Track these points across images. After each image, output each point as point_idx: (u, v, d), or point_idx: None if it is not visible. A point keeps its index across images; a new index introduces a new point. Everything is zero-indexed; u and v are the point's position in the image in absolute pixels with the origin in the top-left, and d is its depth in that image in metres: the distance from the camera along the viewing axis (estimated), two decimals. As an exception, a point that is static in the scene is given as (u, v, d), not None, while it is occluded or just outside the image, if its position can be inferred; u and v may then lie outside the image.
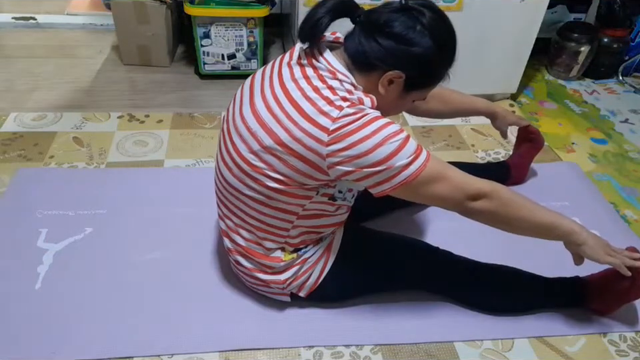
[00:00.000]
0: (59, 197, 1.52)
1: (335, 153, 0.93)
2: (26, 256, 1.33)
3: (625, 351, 1.22)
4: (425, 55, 0.95)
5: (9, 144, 1.75)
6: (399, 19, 0.93)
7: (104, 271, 1.31)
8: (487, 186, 1.01)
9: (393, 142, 0.92)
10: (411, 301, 1.28)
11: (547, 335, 1.24)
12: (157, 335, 1.17)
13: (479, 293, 1.28)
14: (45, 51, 2.37)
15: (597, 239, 1.10)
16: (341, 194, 1.09)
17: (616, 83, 2.46)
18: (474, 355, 1.19)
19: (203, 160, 1.75)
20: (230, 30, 2.09)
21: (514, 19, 1.92)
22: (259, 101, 1.00)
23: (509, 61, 2.06)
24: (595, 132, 2.08)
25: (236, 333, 1.19)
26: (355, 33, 0.98)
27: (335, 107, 0.92)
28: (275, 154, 0.97)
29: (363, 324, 1.23)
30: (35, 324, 1.17)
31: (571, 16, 2.51)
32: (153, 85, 2.17)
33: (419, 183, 0.96)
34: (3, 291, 1.24)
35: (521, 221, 1.05)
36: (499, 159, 1.85)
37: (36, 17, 2.59)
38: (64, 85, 2.11)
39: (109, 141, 1.80)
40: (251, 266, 1.16)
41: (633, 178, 1.83)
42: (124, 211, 1.50)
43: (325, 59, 0.97)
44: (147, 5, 2.12)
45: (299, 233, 1.12)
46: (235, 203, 1.10)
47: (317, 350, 1.18)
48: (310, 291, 1.20)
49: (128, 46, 2.25)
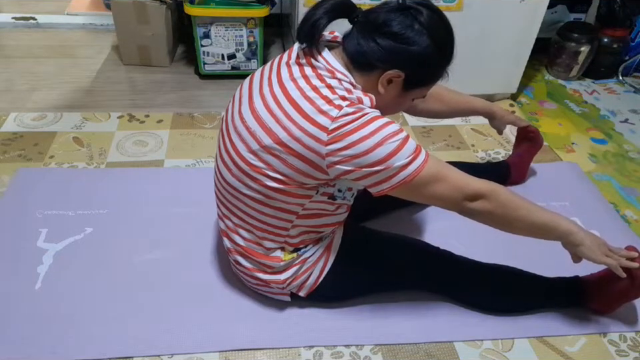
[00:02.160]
0: (59, 196, 1.52)
1: (334, 152, 0.93)
2: (26, 256, 1.33)
3: (624, 351, 1.22)
4: (424, 54, 0.95)
5: (9, 144, 1.75)
6: (397, 19, 0.94)
7: (104, 271, 1.31)
8: (485, 186, 1.01)
9: (392, 142, 0.92)
10: (411, 301, 1.28)
11: (546, 335, 1.24)
12: (157, 335, 1.17)
13: (478, 293, 1.28)
14: (45, 51, 2.38)
15: (594, 240, 1.10)
16: (341, 193, 1.09)
17: (616, 82, 2.46)
18: (474, 355, 1.19)
19: (203, 160, 1.75)
20: (230, 30, 2.09)
21: (514, 19, 1.92)
22: (257, 100, 1.00)
23: (509, 61, 2.06)
24: (594, 132, 2.08)
25: (236, 333, 1.19)
26: (353, 33, 0.98)
27: (334, 106, 0.92)
28: (274, 153, 0.97)
29: (363, 324, 1.23)
30: (35, 324, 1.17)
31: (571, 16, 2.51)
32: (153, 85, 2.18)
33: (417, 182, 0.96)
34: (3, 291, 1.24)
35: (519, 222, 1.05)
36: (498, 158, 1.85)
37: (36, 17, 2.59)
38: (64, 85, 2.12)
39: (109, 141, 1.80)
40: (251, 266, 1.17)
41: (633, 178, 1.83)
42: (124, 210, 1.50)
43: (323, 58, 0.97)
44: (147, 4, 2.13)
45: (299, 232, 1.12)
46: (235, 203, 1.10)
47: (316, 350, 1.18)
48: (310, 291, 1.20)
49: (128, 46, 2.25)
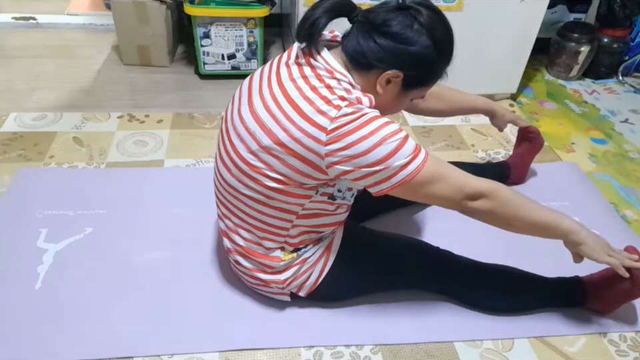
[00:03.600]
0: (59, 196, 1.52)
1: (333, 152, 0.93)
2: (26, 256, 1.33)
3: (624, 351, 1.22)
4: (423, 54, 0.95)
5: (8, 144, 1.75)
6: (397, 18, 0.94)
7: (104, 271, 1.31)
8: (486, 185, 1.01)
9: (391, 142, 0.92)
10: (411, 301, 1.28)
11: (547, 335, 1.24)
12: (157, 335, 1.17)
13: (479, 293, 1.28)
14: (45, 51, 2.38)
15: (596, 238, 1.10)
16: (340, 193, 1.09)
17: (616, 82, 2.46)
18: (474, 355, 1.19)
19: (203, 160, 1.75)
20: (230, 30, 2.09)
21: (514, 19, 1.92)
22: (257, 100, 1.00)
23: (509, 61, 2.06)
24: (595, 132, 2.08)
25: (236, 333, 1.19)
26: (353, 33, 0.98)
27: (333, 106, 0.92)
28: (274, 154, 0.97)
29: (363, 324, 1.23)
30: (35, 324, 1.17)
31: (571, 16, 2.51)
32: (152, 85, 2.17)
33: (417, 182, 0.96)
34: (3, 291, 1.24)
35: (521, 220, 1.05)
36: (499, 158, 1.85)
37: (36, 17, 2.59)
38: (64, 85, 2.12)
39: (109, 140, 1.80)
40: (251, 266, 1.17)
41: (633, 178, 1.83)
42: (124, 210, 1.50)
43: (322, 58, 0.97)
44: (147, 4, 2.13)
45: (299, 232, 1.12)
46: (234, 203, 1.10)
47: (316, 350, 1.18)
48: (310, 291, 1.20)
49: (128, 46, 2.25)
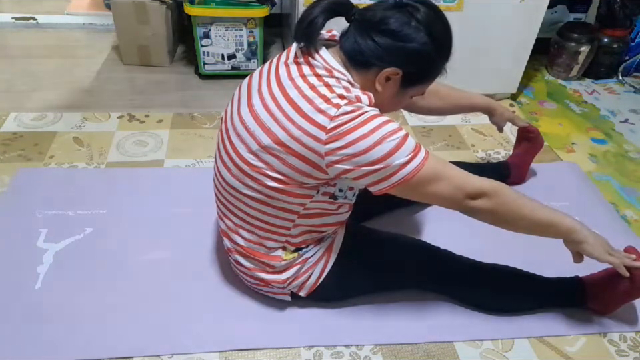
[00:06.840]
0: (58, 196, 1.52)
1: (333, 151, 0.93)
2: (26, 256, 1.33)
3: (624, 351, 1.22)
4: (421, 51, 0.95)
5: (8, 144, 1.75)
6: (394, 16, 0.94)
7: (104, 271, 1.31)
8: (486, 184, 1.01)
9: (391, 140, 0.92)
10: (411, 301, 1.28)
11: (547, 335, 1.24)
12: (157, 335, 1.17)
13: (479, 293, 1.28)
14: (45, 51, 2.37)
15: (597, 238, 1.10)
16: (342, 192, 1.09)
17: (616, 82, 2.45)
18: (474, 355, 1.19)
19: (203, 160, 1.74)
20: (230, 30, 2.09)
21: (514, 19, 1.92)
22: (256, 100, 1.00)
23: (509, 61, 2.06)
24: (595, 132, 2.08)
25: (236, 333, 1.19)
26: (351, 32, 0.98)
27: (332, 105, 0.92)
28: (274, 153, 0.97)
29: (363, 324, 1.23)
30: (35, 324, 1.17)
31: (571, 16, 2.51)
32: (152, 85, 2.17)
33: (417, 181, 0.96)
34: (3, 291, 1.24)
35: (522, 220, 1.05)
36: (499, 158, 1.84)
37: (36, 17, 2.59)
38: (64, 85, 2.11)
39: (109, 140, 1.80)
40: (252, 265, 1.16)
41: (633, 178, 1.83)
42: (124, 210, 1.50)
43: (321, 57, 0.97)
44: (147, 4, 2.12)
45: (301, 232, 1.12)
46: (235, 203, 1.10)
47: (316, 350, 1.18)
48: (310, 291, 1.19)
49: (128, 46, 2.25)
